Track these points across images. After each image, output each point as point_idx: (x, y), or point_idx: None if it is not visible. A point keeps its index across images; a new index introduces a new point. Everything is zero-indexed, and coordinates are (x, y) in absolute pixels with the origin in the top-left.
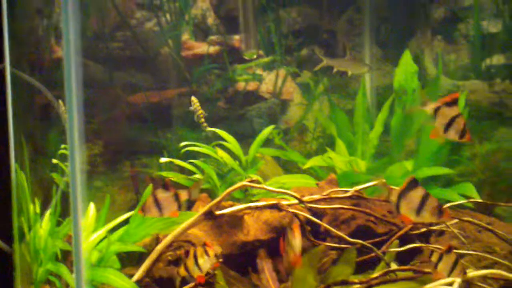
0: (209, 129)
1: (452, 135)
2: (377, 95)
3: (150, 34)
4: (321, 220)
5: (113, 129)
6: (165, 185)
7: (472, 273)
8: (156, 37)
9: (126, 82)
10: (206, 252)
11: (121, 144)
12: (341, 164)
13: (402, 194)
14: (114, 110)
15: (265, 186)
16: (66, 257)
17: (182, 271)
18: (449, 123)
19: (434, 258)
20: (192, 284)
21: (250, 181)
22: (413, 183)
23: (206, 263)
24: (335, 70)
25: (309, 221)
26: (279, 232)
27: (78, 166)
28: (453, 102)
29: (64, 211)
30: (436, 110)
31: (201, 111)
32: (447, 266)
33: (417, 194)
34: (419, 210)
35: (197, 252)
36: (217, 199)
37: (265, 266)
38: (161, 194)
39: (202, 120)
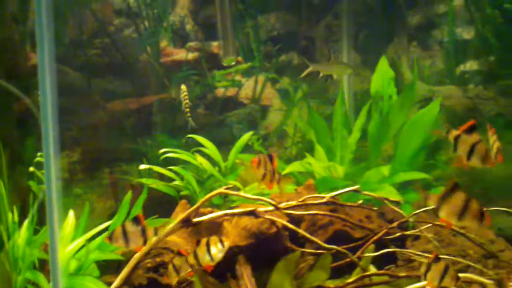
0: (192, 124)
1: (476, 162)
2: (356, 100)
3: (128, 41)
4: (299, 225)
5: (92, 136)
6: (136, 218)
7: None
8: (134, 44)
9: (104, 89)
10: (220, 241)
11: (100, 151)
12: (319, 170)
13: (443, 198)
14: (93, 117)
15: (241, 194)
16: (44, 265)
17: (191, 258)
18: (470, 150)
19: (422, 269)
20: None
21: (226, 188)
22: (455, 187)
23: (219, 252)
24: (321, 74)
25: (287, 227)
26: (258, 238)
27: (54, 174)
28: (472, 129)
29: (43, 220)
30: (456, 139)
31: (187, 101)
32: (437, 274)
33: (459, 198)
34: (461, 214)
35: (210, 241)
36: (194, 206)
37: (244, 271)
38: (130, 227)
39: (187, 110)
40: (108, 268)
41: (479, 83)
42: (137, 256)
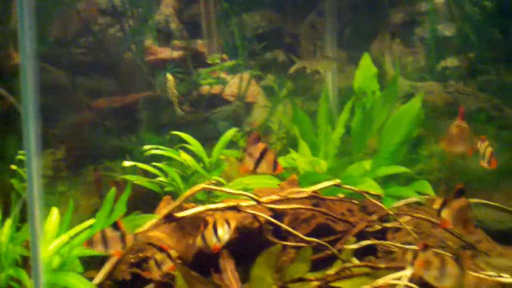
0: (180, 113)
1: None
2: (341, 97)
3: (113, 40)
4: (282, 219)
5: (77, 134)
6: (115, 224)
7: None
8: (119, 42)
9: (89, 87)
10: (227, 222)
11: (84, 148)
12: (303, 165)
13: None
14: (77, 115)
15: (224, 189)
16: (27, 262)
17: (199, 241)
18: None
19: (408, 256)
20: (151, 286)
21: (209, 183)
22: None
23: (225, 234)
24: (308, 70)
25: (271, 221)
26: (241, 233)
27: (36, 171)
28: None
29: (26, 217)
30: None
31: (174, 90)
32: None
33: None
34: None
35: (217, 223)
36: (176, 202)
37: (228, 266)
38: (110, 233)
39: (174, 99)
40: (92, 264)
41: (460, 78)
42: None
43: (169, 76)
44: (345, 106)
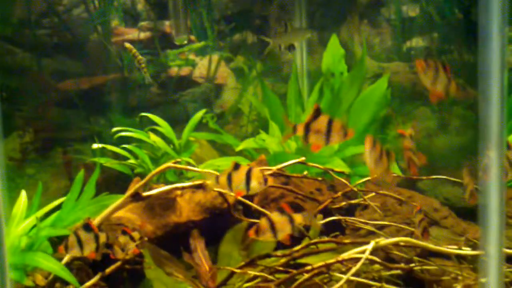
0: (149, 79)
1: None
2: (310, 78)
3: (78, 20)
4: (252, 199)
5: (44, 117)
6: (87, 225)
7: (383, 241)
8: (84, 23)
9: (55, 69)
10: (264, 179)
11: (52, 131)
12: (272, 145)
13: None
14: (44, 97)
15: (188, 167)
16: None
17: (223, 179)
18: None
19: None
20: (118, 263)
21: (175, 162)
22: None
23: (258, 186)
24: (282, 47)
25: (241, 201)
26: (212, 213)
27: None
28: None
29: None
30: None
31: (140, 57)
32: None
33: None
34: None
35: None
36: (143, 181)
37: (198, 245)
38: (83, 235)
39: (143, 65)
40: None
41: (424, 59)
42: None
43: (128, 46)
44: (314, 87)
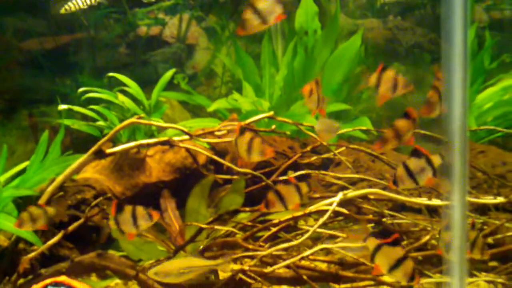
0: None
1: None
2: (284, 38)
3: None
4: (224, 157)
5: (7, 78)
6: (37, 204)
7: (351, 193)
8: None
9: (17, 28)
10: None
11: (17, 92)
12: (245, 105)
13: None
14: (6, 58)
15: (152, 122)
16: None
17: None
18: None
19: None
20: (81, 221)
21: (138, 118)
22: None
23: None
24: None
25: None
26: (183, 173)
27: None
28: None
29: None
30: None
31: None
32: None
33: None
34: None
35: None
36: (106, 137)
37: (168, 205)
38: (35, 211)
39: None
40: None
41: (397, 14)
42: (49, 189)
43: None
44: (288, 46)
